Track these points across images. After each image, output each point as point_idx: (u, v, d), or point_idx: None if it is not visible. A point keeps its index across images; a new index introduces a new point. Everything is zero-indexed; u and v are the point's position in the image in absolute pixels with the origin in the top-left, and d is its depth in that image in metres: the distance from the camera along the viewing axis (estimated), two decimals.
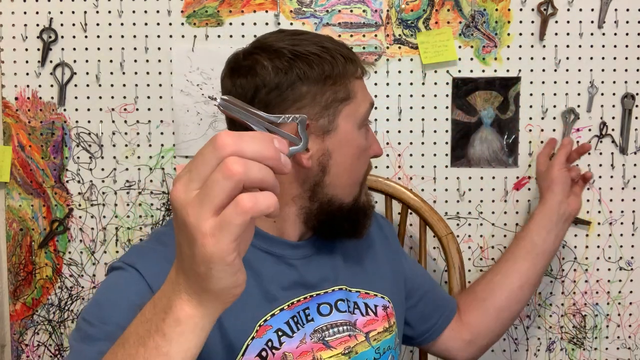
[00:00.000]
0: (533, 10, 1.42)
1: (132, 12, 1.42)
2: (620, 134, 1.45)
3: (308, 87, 0.88)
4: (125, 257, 0.88)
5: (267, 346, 0.88)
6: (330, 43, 0.95)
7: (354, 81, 0.94)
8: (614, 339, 1.48)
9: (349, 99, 0.92)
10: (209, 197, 0.49)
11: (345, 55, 0.94)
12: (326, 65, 0.90)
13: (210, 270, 0.51)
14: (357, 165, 0.94)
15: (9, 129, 1.44)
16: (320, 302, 0.95)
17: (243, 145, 0.49)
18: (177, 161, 1.44)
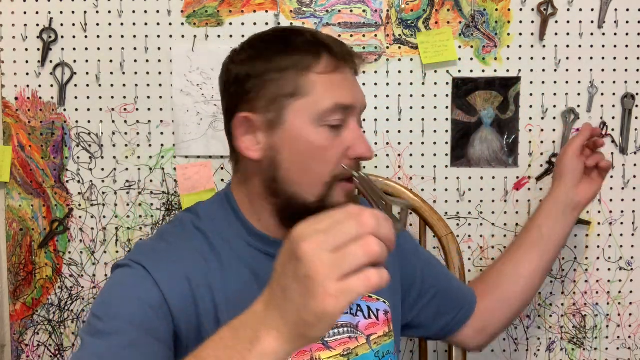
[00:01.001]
0: (533, 10, 1.42)
1: (132, 12, 1.42)
2: (620, 134, 1.45)
3: (253, 80, 0.90)
4: (131, 255, 0.90)
5: None
6: (303, 36, 0.92)
7: (310, 76, 0.88)
8: (614, 339, 1.48)
9: (299, 95, 0.88)
10: (344, 263, 0.55)
11: (305, 49, 0.89)
12: (274, 58, 0.90)
13: (319, 322, 0.56)
14: (312, 164, 0.89)
15: (9, 129, 1.44)
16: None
17: (381, 229, 0.56)
18: (177, 161, 1.44)
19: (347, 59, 0.92)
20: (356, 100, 0.91)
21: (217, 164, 1.44)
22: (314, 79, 0.88)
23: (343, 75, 0.91)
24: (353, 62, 0.93)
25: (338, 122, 0.88)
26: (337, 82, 0.89)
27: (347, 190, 0.90)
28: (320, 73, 0.88)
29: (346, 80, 0.91)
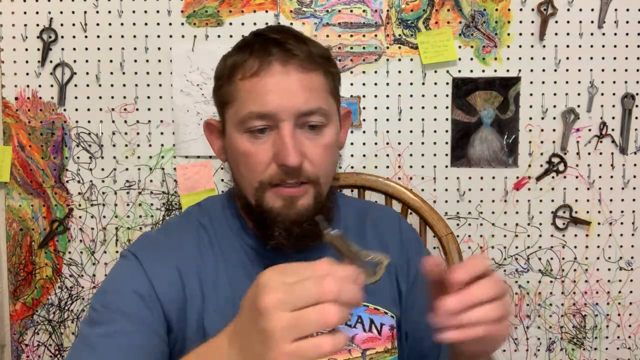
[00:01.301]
0: (533, 10, 1.42)
1: (132, 12, 1.42)
2: (620, 134, 1.45)
3: (214, 89, 0.94)
4: (131, 246, 0.93)
5: None
6: (249, 38, 0.91)
7: (235, 82, 0.87)
8: (614, 339, 1.48)
9: (229, 103, 0.88)
10: (300, 327, 0.56)
11: (237, 54, 0.89)
12: (221, 66, 0.92)
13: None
14: (242, 170, 0.88)
15: (9, 129, 1.44)
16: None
17: (343, 294, 0.56)
18: (177, 161, 1.44)
19: (272, 62, 0.85)
20: (277, 107, 0.84)
21: (217, 164, 1.44)
22: (238, 86, 0.87)
23: (267, 79, 0.85)
24: (282, 63, 0.85)
25: (261, 126, 0.85)
26: (257, 87, 0.85)
27: (281, 196, 0.86)
28: (242, 79, 0.87)
29: (268, 84, 0.85)
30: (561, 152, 1.45)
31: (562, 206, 1.45)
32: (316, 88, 0.86)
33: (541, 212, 1.46)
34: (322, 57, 0.89)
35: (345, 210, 1.01)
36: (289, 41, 0.86)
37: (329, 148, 0.88)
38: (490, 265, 0.69)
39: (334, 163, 0.93)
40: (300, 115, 0.85)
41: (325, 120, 0.87)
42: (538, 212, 1.46)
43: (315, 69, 0.87)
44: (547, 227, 1.46)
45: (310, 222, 0.85)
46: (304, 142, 0.86)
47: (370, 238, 1.00)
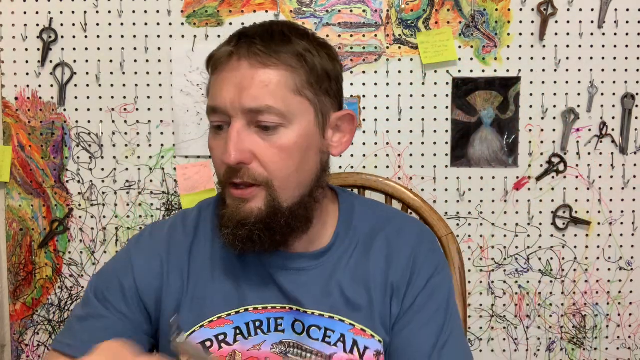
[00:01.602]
0: (533, 10, 1.42)
1: (132, 12, 1.42)
2: (620, 134, 1.45)
3: None
4: (136, 235, 0.98)
5: (215, 338, 0.89)
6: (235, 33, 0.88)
7: (211, 77, 0.87)
8: (614, 339, 1.48)
9: (208, 96, 0.88)
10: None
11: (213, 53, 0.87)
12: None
13: None
14: (212, 160, 0.88)
15: (9, 129, 1.44)
16: (299, 319, 0.89)
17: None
18: (177, 161, 1.44)
19: (231, 55, 0.83)
20: (225, 102, 0.82)
21: None
22: (211, 79, 0.87)
23: (225, 70, 0.83)
24: (239, 57, 0.83)
25: (217, 123, 0.84)
26: (217, 81, 0.84)
27: (232, 196, 0.84)
28: (212, 72, 0.86)
29: (222, 79, 0.83)
30: (561, 152, 1.45)
31: (562, 206, 1.45)
32: (271, 85, 0.81)
33: (541, 212, 1.46)
34: (290, 54, 0.83)
35: (359, 220, 0.95)
36: (256, 36, 0.83)
37: (286, 150, 0.83)
38: None
39: (300, 169, 0.85)
40: (247, 112, 0.81)
41: (281, 121, 0.82)
42: (538, 212, 1.46)
43: (274, 65, 0.82)
44: (547, 227, 1.46)
45: (259, 227, 0.83)
46: (254, 142, 0.82)
47: (375, 252, 0.93)
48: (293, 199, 0.85)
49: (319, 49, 0.87)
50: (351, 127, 0.92)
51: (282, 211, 0.84)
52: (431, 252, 0.96)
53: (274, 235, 0.85)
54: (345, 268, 0.92)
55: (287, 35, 0.85)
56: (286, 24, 0.89)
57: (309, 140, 0.85)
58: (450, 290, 0.96)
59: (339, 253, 0.92)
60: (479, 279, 1.47)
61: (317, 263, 0.91)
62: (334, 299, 0.90)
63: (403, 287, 0.92)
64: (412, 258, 0.93)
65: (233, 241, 0.84)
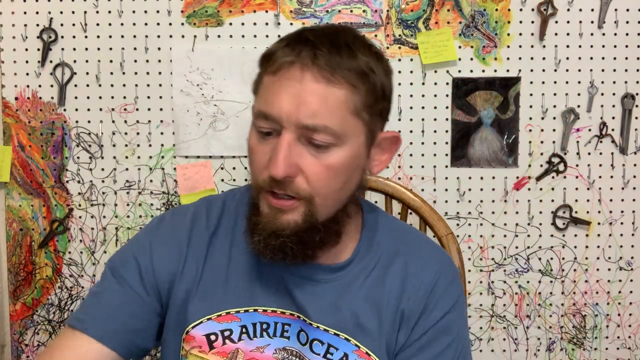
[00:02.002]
0: (533, 10, 1.42)
1: (132, 12, 1.42)
2: (620, 134, 1.45)
3: None
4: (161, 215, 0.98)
5: (221, 333, 0.89)
6: (297, 32, 0.85)
7: (263, 77, 0.83)
8: (614, 339, 1.48)
9: (255, 94, 0.86)
10: None
11: (274, 47, 0.84)
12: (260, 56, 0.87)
13: None
14: (249, 165, 0.86)
15: (9, 129, 1.44)
16: (304, 330, 0.89)
17: None
18: (177, 161, 1.44)
19: (293, 64, 0.79)
20: (281, 113, 0.78)
21: (217, 164, 1.44)
22: (262, 79, 0.83)
23: (284, 77, 0.79)
24: (302, 68, 0.79)
25: (266, 129, 0.81)
26: (273, 87, 0.81)
27: (270, 204, 0.82)
28: (265, 73, 0.83)
29: (280, 86, 0.79)
30: (561, 152, 1.45)
31: (562, 206, 1.45)
32: (331, 104, 0.78)
33: (541, 212, 1.46)
34: (354, 71, 0.80)
35: (382, 238, 0.93)
36: (321, 46, 0.79)
37: (333, 169, 0.80)
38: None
39: (341, 188, 0.84)
40: (303, 127, 0.78)
41: (334, 141, 0.79)
42: (538, 212, 1.46)
43: (338, 82, 0.79)
44: (547, 227, 1.46)
45: (292, 239, 0.82)
46: (303, 156, 0.80)
47: (392, 275, 0.91)
48: (328, 215, 0.84)
49: (379, 64, 0.84)
50: (394, 148, 0.90)
51: (317, 226, 0.83)
52: (451, 286, 0.93)
53: (306, 248, 0.83)
54: (361, 287, 0.90)
55: (353, 48, 0.81)
56: (350, 32, 0.85)
57: (356, 161, 0.84)
58: (465, 331, 0.93)
59: (357, 270, 0.90)
60: (479, 279, 1.47)
61: (333, 277, 0.89)
62: (342, 316, 0.88)
63: (414, 317, 0.89)
64: (431, 289, 0.90)
65: (263, 249, 0.83)
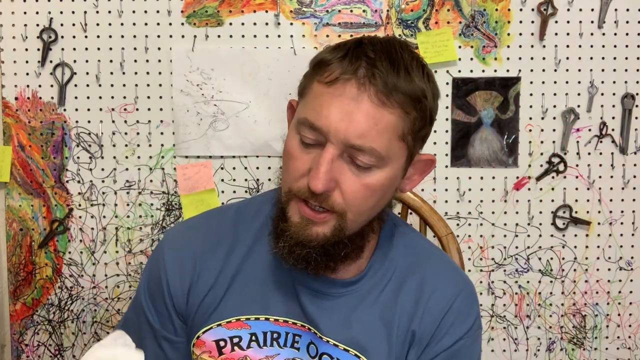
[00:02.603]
0: (533, 10, 1.42)
1: (132, 12, 1.42)
2: (620, 134, 1.45)
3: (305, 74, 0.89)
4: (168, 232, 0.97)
5: (230, 340, 0.89)
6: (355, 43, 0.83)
7: (314, 83, 0.82)
8: (614, 339, 1.48)
9: (302, 96, 0.84)
10: None
11: (330, 55, 0.82)
12: (315, 57, 0.85)
13: None
14: (284, 169, 0.84)
15: (9, 129, 1.44)
16: (314, 343, 0.88)
17: None
18: (177, 161, 1.44)
19: (350, 80, 0.78)
20: (329, 127, 0.77)
21: (217, 164, 1.44)
22: (313, 85, 0.82)
23: (339, 92, 0.78)
24: (359, 86, 0.77)
25: (310, 140, 0.80)
26: (324, 98, 0.79)
27: (301, 212, 0.81)
28: (319, 81, 0.81)
29: (337, 99, 0.78)
30: (561, 152, 1.45)
31: (562, 206, 1.45)
32: (381, 127, 0.77)
33: (541, 212, 1.46)
34: (408, 96, 0.78)
35: (397, 252, 0.92)
36: (380, 64, 0.78)
37: (371, 189, 0.80)
38: None
39: (373, 207, 0.83)
40: (349, 146, 0.77)
41: (377, 163, 0.79)
42: (538, 212, 1.46)
43: (392, 106, 0.78)
44: (547, 227, 1.46)
45: (318, 251, 0.81)
46: (343, 173, 0.79)
47: (406, 293, 0.90)
48: (356, 230, 0.84)
49: (429, 88, 0.83)
50: (427, 170, 0.89)
51: (345, 241, 0.83)
52: (467, 310, 0.91)
53: (329, 260, 0.83)
54: (374, 303, 0.89)
55: (410, 71, 0.80)
56: (408, 49, 0.84)
57: (394, 182, 0.84)
58: (478, 358, 0.92)
59: (370, 285, 0.89)
60: (479, 279, 1.47)
61: (346, 291, 0.89)
62: (353, 332, 0.87)
63: (425, 339, 0.89)
64: (445, 312, 0.89)
65: (287, 256, 0.82)
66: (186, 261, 0.91)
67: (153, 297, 0.92)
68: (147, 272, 0.94)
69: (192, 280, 0.90)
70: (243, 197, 1.44)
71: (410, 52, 0.83)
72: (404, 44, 0.84)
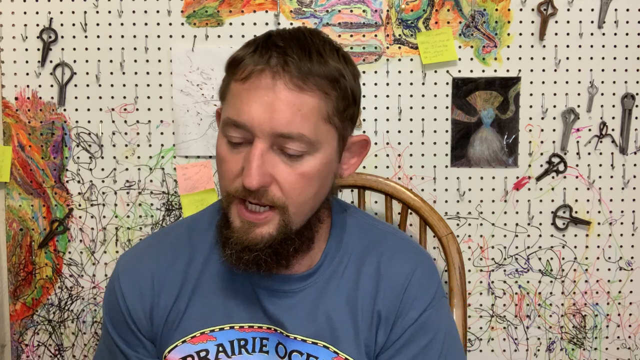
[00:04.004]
0: (533, 10, 1.42)
1: (132, 12, 1.42)
2: (620, 134, 1.45)
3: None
4: (121, 258, 0.96)
5: (197, 354, 0.88)
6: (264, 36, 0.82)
7: (230, 84, 0.81)
8: (614, 339, 1.48)
9: (223, 100, 0.84)
10: None
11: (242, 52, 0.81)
12: (229, 59, 0.84)
13: None
14: (219, 174, 0.83)
15: (9, 129, 1.44)
16: (282, 342, 0.88)
17: None
18: (177, 161, 1.44)
19: (264, 71, 0.77)
20: (253, 121, 0.76)
21: None
22: (230, 85, 0.81)
23: (254, 86, 0.77)
24: (273, 75, 0.77)
25: (237, 139, 0.79)
26: (242, 94, 0.78)
27: (241, 217, 0.80)
28: (235, 80, 0.80)
29: (250, 95, 0.77)
30: (561, 152, 1.45)
31: (562, 206, 1.45)
32: (304, 111, 0.77)
33: (541, 212, 1.46)
34: (325, 78, 0.79)
35: (350, 237, 0.92)
36: (291, 52, 0.78)
37: (307, 177, 0.79)
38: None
39: (315, 195, 0.82)
40: (277, 136, 0.77)
41: (308, 149, 0.78)
42: (538, 212, 1.46)
43: (310, 90, 0.77)
44: (547, 227, 1.46)
45: (266, 252, 0.80)
46: (276, 165, 0.78)
47: (365, 276, 0.90)
48: (302, 223, 0.83)
49: (348, 68, 0.83)
50: (364, 152, 0.89)
51: (292, 237, 0.82)
52: (427, 281, 0.91)
53: (280, 259, 0.82)
54: (336, 291, 0.89)
55: (322, 53, 0.80)
56: (318, 35, 0.84)
57: (329, 167, 0.83)
58: (448, 326, 0.91)
59: (327, 274, 0.89)
60: (479, 279, 1.47)
61: (304, 285, 0.88)
62: (319, 324, 0.87)
63: (392, 317, 0.88)
64: (405, 287, 0.89)
65: (236, 263, 0.82)
66: (144, 282, 0.90)
67: (117, 326, 0.91)
68: (106, 303, 0.93)
69: (153, 300, 0.89)
70: None
71: (321, 37, 0.83)
72: (314, 31, 0.85)
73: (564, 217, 1.46)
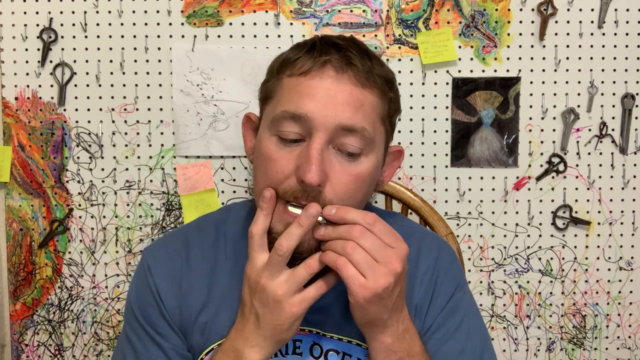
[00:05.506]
0: (533, 10, 1.42)
1: (132, 12, 1.42)
2: (620, 134, 1.45)
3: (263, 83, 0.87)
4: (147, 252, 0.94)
5: None
6: (315, 38, 0.82)
7: (283, 79, 0.79)
8: (614, 339, 1.48)
9: (270, 98, 0.81)
10: (297, 281, 0.73)
11: (293, 51, 0.81)
12: (273, 62, 0.85)
13: (293, 323, 0.74)
14: (260, 176, 0.79)
15: (9, 129, 1.44)
16: (317, 343, 0.86)
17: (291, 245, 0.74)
18: (177, 161, 1.44)
19: (326, 64, 0.76)
20: (314, 112, 0.74)
21: (217, 164, 1.44)
22: (283, 82, 0.79)
23: (315, 80, 0.76)
24: (337, 69, 0.76)
25: (293, 135, 0.76)
26: (302, 86, 0.76)
27: (286, 220, 0.76)
28: (289, 75, 0.78)
29: (314, 86, 0.76)
30: (561, 152, 1.45)
31: (562, 206, 1.45)
32: (366, 108, 0.76)
33: (541, 212, 1.46)
34: (383, 78, 0.79)
35: None
36: (351, 49, 0.78)
37: (360, 179, 0.77)
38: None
39: (362, 199, 0.80)
40: (340, 129, 0.74)
41: (365, 148, 0.77)
42: (538, 212, 1.46)
43: (372, 87, 0.77)
44: (547, 227, 1.46)
45: (306, 256, 0.76)
46: (332, 164, 0.75)
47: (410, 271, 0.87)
48: None
49: (391, 74, 0.84)
50: (397, 163, 0.88)
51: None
52: (451, 268, 0.92)
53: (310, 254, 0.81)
54: None
55: (376, 57, 0.81)
56: (359, 41, 0.84)
57: (377, 172, 0.82)
58: (471, 305, 0.92)
59: None
60: (479, 279, 1.47)
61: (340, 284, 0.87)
62: (354, 324, 0.84)
63: (425, 307, 0.89)
64: (434, 277, 0.89)
65: None
66: (174, 267, 0.89)
67: (151, 318, 0.88)
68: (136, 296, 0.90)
69: (181, 295, 0.88)
70: (243, 197, 1.44)
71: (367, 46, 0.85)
72: (357, 39, 0.86)
73: (564, 217, 1.46)
